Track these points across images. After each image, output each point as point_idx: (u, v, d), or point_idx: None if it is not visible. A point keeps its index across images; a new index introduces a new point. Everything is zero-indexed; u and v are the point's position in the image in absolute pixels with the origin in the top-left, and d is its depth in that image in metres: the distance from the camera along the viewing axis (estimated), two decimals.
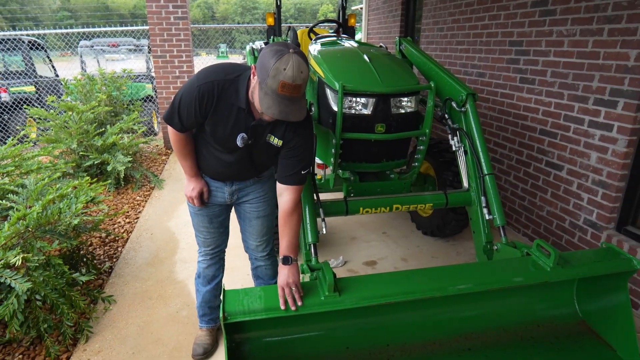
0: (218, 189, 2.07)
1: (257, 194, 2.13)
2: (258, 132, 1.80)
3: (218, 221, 2.18)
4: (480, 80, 4.18)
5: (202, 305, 2.35)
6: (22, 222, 2.31)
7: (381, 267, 3.23)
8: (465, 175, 2.78)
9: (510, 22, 3.72)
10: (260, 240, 2.24)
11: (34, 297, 2.25)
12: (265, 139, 1.82)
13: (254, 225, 2.19)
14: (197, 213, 2.14)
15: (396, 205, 2.64)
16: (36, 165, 3.23)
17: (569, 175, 3.23)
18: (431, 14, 5.18)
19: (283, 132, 1.80)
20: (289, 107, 1.56)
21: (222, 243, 2.29)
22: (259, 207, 2.15)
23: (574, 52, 3.08)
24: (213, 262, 2.28)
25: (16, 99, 7.03)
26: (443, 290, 1.87)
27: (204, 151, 1.96)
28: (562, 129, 3.24)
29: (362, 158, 2.84)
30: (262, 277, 2.36)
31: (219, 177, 2.05)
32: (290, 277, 1.71)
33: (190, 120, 1.79)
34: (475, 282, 1.93)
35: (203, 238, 2.22)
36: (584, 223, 3.13)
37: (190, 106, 1.74)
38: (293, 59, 1.49)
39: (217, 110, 1.73)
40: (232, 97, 1.71)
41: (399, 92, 2.67)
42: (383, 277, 1.94)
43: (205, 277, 2.30)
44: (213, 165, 1.98)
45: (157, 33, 6.09)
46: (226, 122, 1.76)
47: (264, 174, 2.14)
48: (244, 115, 1.75)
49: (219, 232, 2.23)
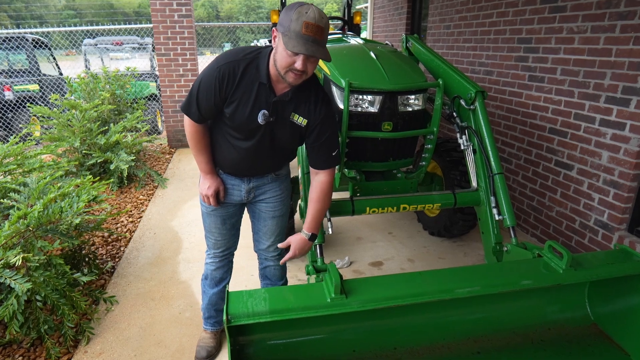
0: (234, 187, 2.01)
1: (274, 193, 2.07)
2: (280, 109, 1.77)
3: (231, 222, 2.13)
4: (488, 78, 4.11)
5: (208, 307, 2.30)
6: (23, 221, 2.27)
7: (387, 267, 3.18)
8: (474, 175, 2.72)
9: (519, 19, 3.65)
10: (273, 240, 2.19)
11: (34, 297, 2.21)
12: (289, 119, 1.79)
13: (268, 225, 2.14)
14: (210, 213, 2.07)
15: (403, 205, 2.59)
16: (38, 163, 3.20)
17: (579, 175, 3.16)
18: (437, 11, 5.12)
19: (307, 109, 1.78)
20: (314, 46, 1.56)
21: (233, 245, 2.23)
22: (275, 207, 2.10)
23: (585, 49, 3.01)
24: (222, 265, 2.23)
25: (20, 97, 7.02)
26: (452, 292, 1.83)
27: (221, 141, 1.89)
28: (573, 128, 3.17)
29: (368, 157, 2.78)
30: (269, 278, 2.30)
31: (237, 171, 1.97)
32: (300, 252, 1.93)
33: (209, 105, 1.76)
34: (485, 285, 1.88)
35: (214, 240, 2.16)
36: (594, 224, 3.06)
37: (210, 89, 1.71)
38: (313, 7, 1.56)
39: (237, 89, 1.71)
40: (253, 74, 1.70)
41: (407, 89, 2.61)
42: (391, 279, 1.89)
43: (213, 279, 2.25)
44: (230, 157, 1.91)
45: (161, 31, 6.06)
46: (247, 101, 1.73)
47: (281, 172, 2.08)
48: (266, 91, 1.73)
49: (231, 234, 2.17)
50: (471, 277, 1.94)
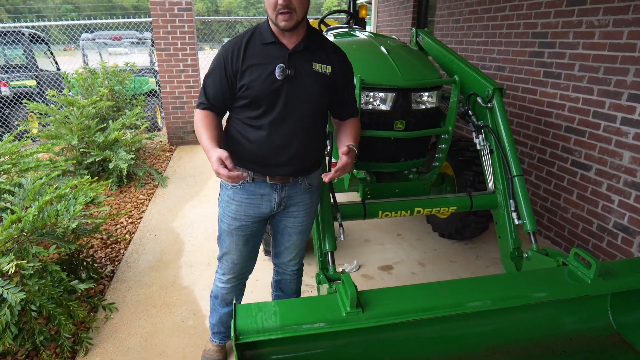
0: (264, 197, 1.81)
1: (304, 206, 1.90)
2: (297, 62, 1.68)
3: (253, 242, 1.94)
4: (500, 74, 3.97)
5: (217, 324, 2.15)
6: (17, 225, 2.14)
7: (398, 272, 3.06)
8: (490, 176, 2.60)
9: (533, 13, 3.51)
10: (296, 255, 2.04)
11: (29, 307, 2.08)
12: (311, 69, 1.70)
13: (292, 240, 1.98)
14: (232, 231, 1.87)
15: (417, 209, 2.46)
16: (34, 163, 3.07)
17: (597, 176, 3.04)
18: (446, 4, 4.97)
19: (326, 56, 1.74)
20: None
21: (249, 270, 2.05)
22: (303, 222, 1.93)
23: (606, 44, 2.87)
24: (235, 290, 2.05)
25: (17, 93, 6.86)
26: (476, 306, 1.72)
27: (242, 131, 1.73)
28: (591, 127, 3.04)
29: (379, 157, 2.66)
30: (283, 290, 2.16)
31: (265, 164, 1.74)
32: (349, 167, 1.71)
33: (218, 87, 1.69)
34: (511, 296, 1.77)
35: (231, 263, 1.95)
36: (614, 227, 2.94)
37: (218, 68, 1.68)
38: None
39: (246, 58, 1.66)
40: (257, 39, 1.68)
41: (421, 86, 2.48)
42: (408, 290, 1.78)
43: (223, 300, 2.07)
44: (255, 144, 1.71)
45: (160, 25, 5.90)
46: (260, 63, 1.66)
47: (313, 182, 1.90)
48: (277, 49, 1.67)
49: (250, 256, 1.98)
50: (495, 287, 1.84)
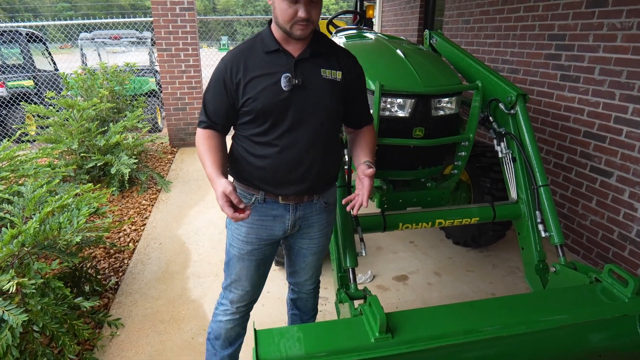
0: (277, 219, 1.67)
1: (319, 227, 1.75)
2: (304, 70, 1.54)
3: (265, 267, 1.79)
4: (513, 77, 3.87)
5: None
6: (17, 240, 2.02)
7: (413, 282, 2.95)
8: (513, 185, 2.49)
9: (550, 14, 3.41)
10: (312, 274, 1.91)
11: (31, 328, 1.97)
12: (320, 76, 1.56)
13: (307, 261, 1.84)
14: (243, 256, 1.71)
15: (439, 220, 2.36)
16: (33, 170, 2.94)
17: (619, 183, 2.94)
18: (455, 5, 4.86)
19: (336, 62, 1.61)
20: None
21: (257, 297, 1.88)
22: (319, 242, 1.79)
23: (629, 47, 2.77)
24: (241, 321, 1.86)
25: (14, 93, 6.71)
26: (512, 328, 1.62)
27: (249, 148, 1.59)
28: (612, 132, 2.94)
29: (395, 165, 2.55)
30: (300, 309, 2.02)
31: (277, 184, 1.60)
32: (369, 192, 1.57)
33: (217, 102, 1.57)
34: (548, 317, 1.68)
35: (240, 292, 1.77)
36: (637, 235, 2.84)
37: (217, 81, 1.56)
38: None
39: (248, 69, 1.53)
40: (259, 48, 1.56)
41: (442, 92, 2.38)
42: (438, 312, 1.69)
43: (226, 339, 1.84)
44: (265, 161, 1.57)
45: (161, 25, 5.77)
46: (264, 73, 1.53)
47: (330, 200, 1.76)
48: (281, 58, 1.54)
49: (261, 282, 1.82)
50: (529, 307, 1.74)
